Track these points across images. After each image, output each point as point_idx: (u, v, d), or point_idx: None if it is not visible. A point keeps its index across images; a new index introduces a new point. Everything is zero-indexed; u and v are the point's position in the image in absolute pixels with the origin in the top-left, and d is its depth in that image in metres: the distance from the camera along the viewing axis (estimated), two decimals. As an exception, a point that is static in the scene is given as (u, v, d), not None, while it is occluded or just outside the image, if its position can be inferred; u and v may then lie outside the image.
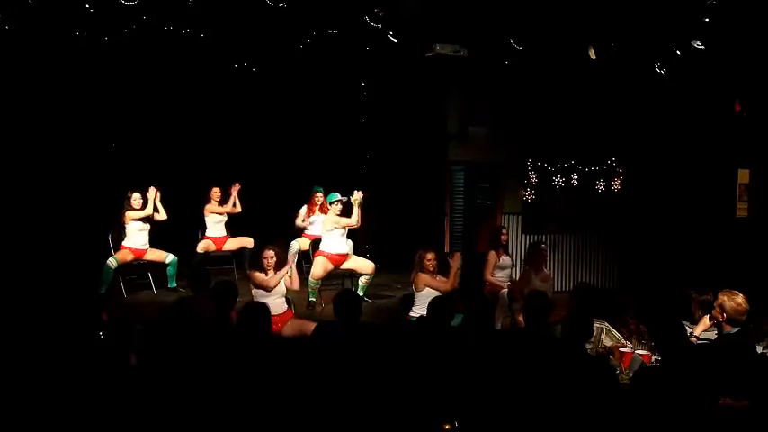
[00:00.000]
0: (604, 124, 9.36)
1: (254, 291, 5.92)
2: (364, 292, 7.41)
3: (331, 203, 7.57)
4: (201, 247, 8.12)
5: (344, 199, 7.55)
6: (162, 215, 7.69)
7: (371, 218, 8.36)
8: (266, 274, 5.89)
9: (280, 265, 5.98)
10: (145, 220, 7.60)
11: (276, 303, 5.79)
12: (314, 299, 7.32)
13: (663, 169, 9.64)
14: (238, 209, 8.30)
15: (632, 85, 8.47)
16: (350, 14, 6.65)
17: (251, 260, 8.02)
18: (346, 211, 7.52)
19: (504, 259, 7.50)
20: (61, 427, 3.51)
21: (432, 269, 6.17)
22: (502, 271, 7.44)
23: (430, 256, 6.18)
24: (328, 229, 7.44)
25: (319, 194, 8.29)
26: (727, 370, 3.95)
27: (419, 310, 6.10)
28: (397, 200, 9.49)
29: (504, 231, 7.65)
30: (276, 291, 5.90)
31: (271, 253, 5.93)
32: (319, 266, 7.30)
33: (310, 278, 7.25)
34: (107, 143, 8.88)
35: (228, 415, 3.58)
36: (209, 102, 8.97)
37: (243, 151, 9.19)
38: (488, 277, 7.34)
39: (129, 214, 7.51)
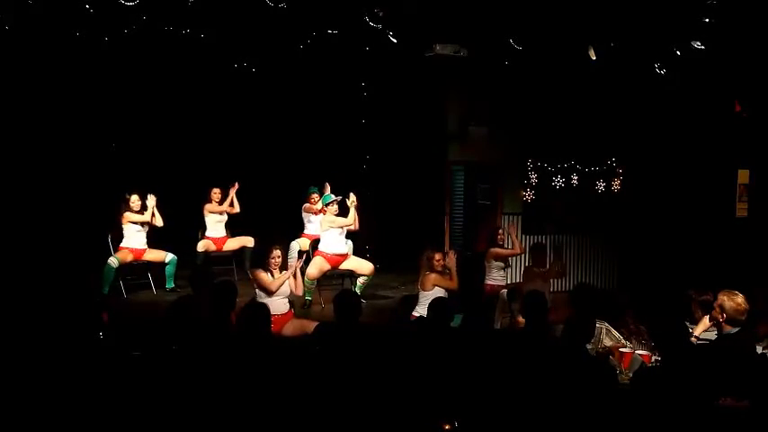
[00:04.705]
0: (604, 124, 9.36)
1: (257, 291, 5.93)
2: (361, 293, 7.40)
3: (326, 204, 7.58)
4: (202, 246, 8.13)
5: (339, 199, 7.57)
6: (159, 222, 7.62)
7: (371, 218, 8.37)
8: (272, 275, 5.89)
9: (285, 265, 6.00)
10: (142, 222, 7.59)
11: (278, 304, 5.79)
12: (310, 298, 7.32)
13: (663, 169, 9.63)
14: (236, 209, 8.31)
15: (632, 85, 8.47)
16: (350, 14, 6.65)
17: (253, 260, 8.05)
18: (342, 212, 7.55)
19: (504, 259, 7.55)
20: (62, 426, 3.51)
21: (440, 269, 6.18)
22: (497, 271, 7.47)
23: (438, 256, 6.21)
24: (324, 229, 7.49)
25: (315, 195, 8.32)
26: (727, 370, 3.95)
27: (424, 309, 6.10)
28: (397, 200, 9.49)
29: (500, 231, 7.70)
30: (280, 291, 5.89)
31: (278, 252, 5.93)
32: (315, 267, 7.30)
33: (306, 278, 7.24)
34: (107, 144, 8.88)
35: (228, 415, 3.58)
36: (210, 102, 8.97)
37: (243, 151, 9.19)
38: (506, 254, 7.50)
39: (127, 216, 7.49)
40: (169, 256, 7.66)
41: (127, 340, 4.35)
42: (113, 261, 7.35)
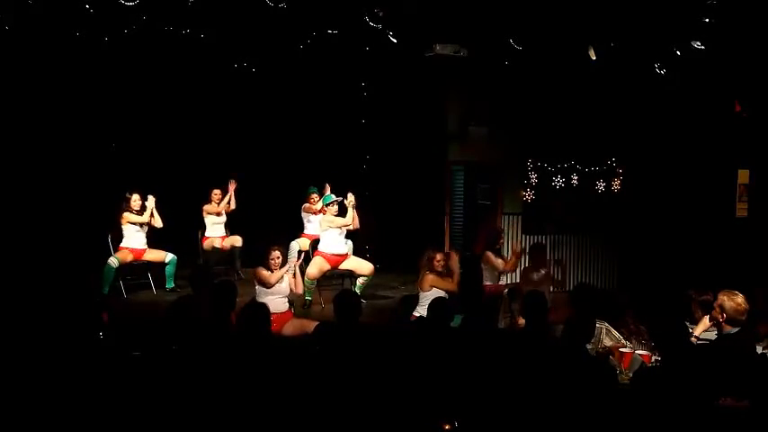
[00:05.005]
0: (604, 124, 9.36)
1: (257, 288, 5.94)
2: (361, 293, 7.40)
3: (327, 205, 7.58)
4: (209, 244, 8.13)
5: (339, 199, 7.56)
6: (158, 223, 7.61)
7: (371, 218, 8.37)
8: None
9: (285, 265, 6.01)
10: (140, 223, 7.58)
11: (277, 302, 5.80)
12: (310, 298, 7.32)
13: (663, 169, 9.63)
14: (233, 206, 8.32)
15: (632, 85, 8.47)
16: (350, 14, 6.65)
17: (243, 259, 8.06)
18: (342, 212, 7.55)
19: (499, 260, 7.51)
20: (62, 426, 3.51)
21: (440, 269, 6.16)
22: (491, 273, 7.45)
23: (439, 256, 6.18)
24: (323, 229, 7.49)
25: (314, 195, 8.32)
26: (727, 370, 3.94)
27: (424, 309, 6.10)
28: (397, 200, 9.49)
29: (502, 236, 7.68)
30: (278, 290, 5.90)
31: (277, 253, 5.93)
32: (315, 267, 7.30)
33: (306, 278, 7.24)
34: (107, 144, 8.88)
35: (228, 416, 3.58)
36: (210, 102, 8.96)
37: (243, 151, 9.19)
38: (503, 264, 7.35)
39: (127, 216, 7.49)
40: (169, 256, 7.66)
41: (127, 340, 4.35)
42: (113, 261, 7.34)
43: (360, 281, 7.51)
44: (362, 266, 7.52)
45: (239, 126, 9.27)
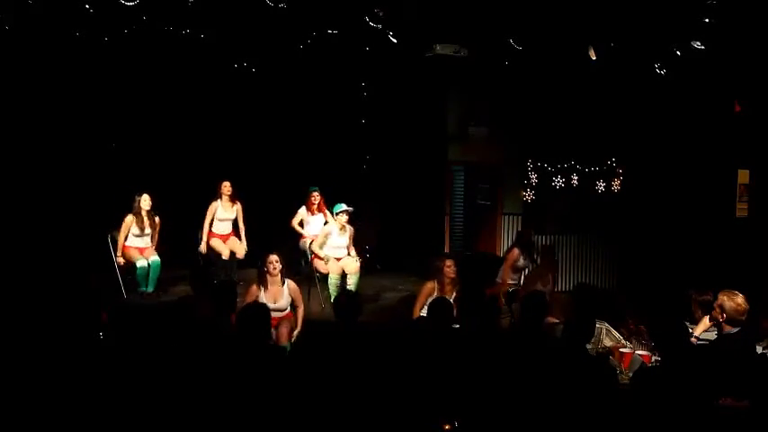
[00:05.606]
0: (604, 124, 9.37)
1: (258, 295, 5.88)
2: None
3: (337, 214, 7.49)
4: (214, 244, 8.00)
5: (351, 209, 7.46)
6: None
7: (371, 218, 8.37)
8: (266, 284, 5.75)
9: (284, 272, 5.90)
10: (141, 229, 7.50)
11: (276, 313, 5.74)
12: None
13: (663, 169, 9.64)
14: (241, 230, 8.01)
15: (632, 85, 8.47)
16: (350, 14, 6.66)
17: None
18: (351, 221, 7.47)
19: (524, 261, 7.41)
20: (62, 426, 3.51)
21: (452, 276, 6.08)
22: (515, 273, 7.39)
23: (449, 262, 6.10)
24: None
25: (315, 194, 8.27)
26: (727, 370, 3.95)
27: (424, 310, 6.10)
28: (397, 200, 9.49)
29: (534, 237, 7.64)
30: (276, 307, 5.79)
31: (275, 258, 5.80)
32: (330, 262, 7.23)
33: (331, 275, 7.13)
34: (107, 143, 8.88)
35: (228, 416, 3.58)
36: (209, 102, 8.95)
37: (243, 152, 9.17)
38: (506, 277, 7.25)
39: (122, 233, 7.33)
40: (153, 257, 7.40)
41: (127, 340, 4.35)
42: (142, 261, 7.19)
43: (350, 281, 7.28)
44: (349, 264, 7.34)
45: (239, 126, 9.26)
